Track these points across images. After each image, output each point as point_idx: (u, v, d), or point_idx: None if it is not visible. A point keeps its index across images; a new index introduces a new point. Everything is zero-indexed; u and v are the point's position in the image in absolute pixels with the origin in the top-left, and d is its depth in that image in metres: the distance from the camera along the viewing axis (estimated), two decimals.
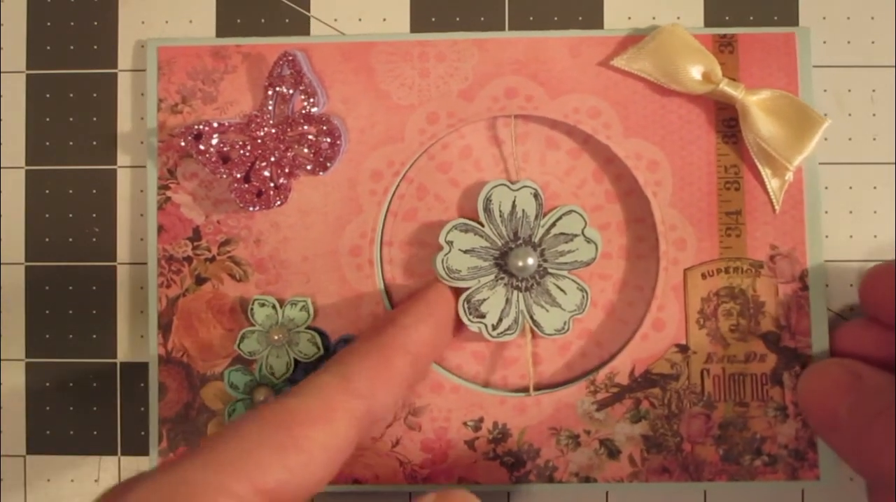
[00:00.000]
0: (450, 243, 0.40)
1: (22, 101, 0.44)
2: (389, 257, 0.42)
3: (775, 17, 0.42)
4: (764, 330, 0.41)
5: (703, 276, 0.41)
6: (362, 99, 0.41)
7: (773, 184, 0.40)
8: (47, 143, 0.44)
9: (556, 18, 0.43)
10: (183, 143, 0.40)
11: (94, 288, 0.43)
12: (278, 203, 0.40)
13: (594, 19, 0.43)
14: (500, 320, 0.40)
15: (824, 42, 0.42)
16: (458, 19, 0.43)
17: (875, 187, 0.42)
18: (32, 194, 0.44)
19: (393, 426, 0.41)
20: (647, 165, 0.41)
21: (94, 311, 0.43)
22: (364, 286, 0.41)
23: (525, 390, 0.41)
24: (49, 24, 0.44)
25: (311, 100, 0.41)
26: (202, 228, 0.41)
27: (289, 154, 0.41)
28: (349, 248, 0.41)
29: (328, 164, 0.40)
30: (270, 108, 0.41)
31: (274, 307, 0.41)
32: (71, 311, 0.43)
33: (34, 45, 0.44)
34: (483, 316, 0.40)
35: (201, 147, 0.40)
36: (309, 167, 0.41)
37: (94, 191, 0.43)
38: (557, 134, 0.42)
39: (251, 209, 0.40)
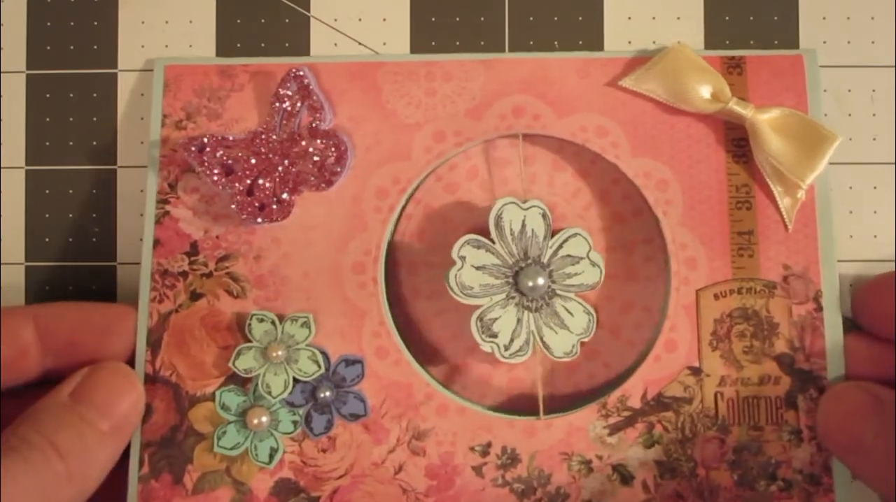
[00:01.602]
0: (462, 258, 0.40)
1: (22, 101, 0.44)
2: (397, 276, 0.42)
3: (775, 17, 0.43)
4: (778, 351, 0.41)
5: (716, 297, 0.41)
6: (369, 117, 0.42)
7: (784, 202, 0.41)
8: (47, 143, 0.44)
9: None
10: (185, 154, 0.41)
11: (94, 288, 0.43)
12: (281, 218, 0.41)
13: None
14: (512, 340, 0.40)
15: (824, 42, 0.43)
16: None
17: (875, 187, 0.43)
18: (32, 194, 0.44)
19: (395, 451, 0.40)
20: (656, 184, 0.41)
21: None
22: (367, 304, 0.41)
23: (535, 413, 0.41)
24: (49, 24, 0.45)
25: (318, 115, 0.41)
26: (200, 243, 0.42)
27: (293, 169, 0.41)
28: (352, 265, 0.41)
29: (333, 180, 0.41)
30: (276, 122, 0.42)
31: (273, 323, 0.40)
32: None
33: (34, 45, 0.45)
34: (495, 335, 0.40)
35: (204, 158, 0.41)
36: (313, 182, 0.41)
37: (94, 192, 0.43)
38: (564, 156, 0.43)
39: (252, 222, 0.40)
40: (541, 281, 0.40)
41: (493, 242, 0.40)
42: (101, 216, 0.43)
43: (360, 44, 0.44)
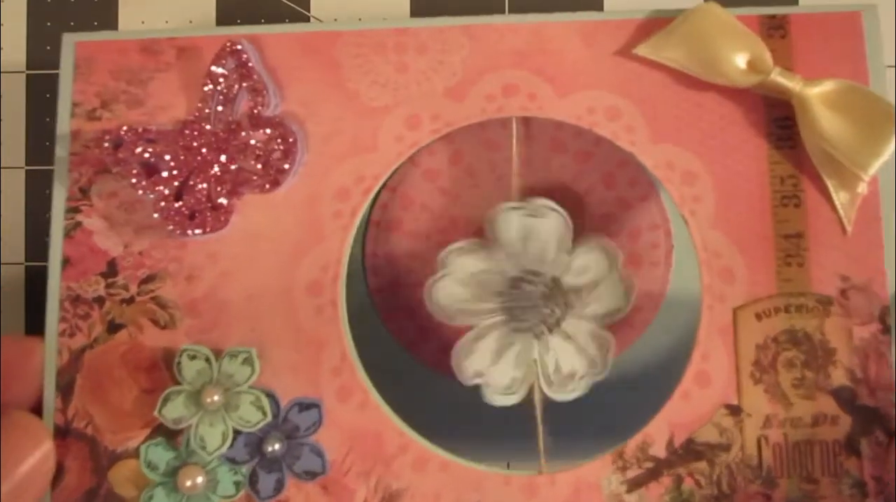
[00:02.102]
0: (445, 268, 0.35)
1: (22, 101, 0.45)
2: (373, 268, 0.38)
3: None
4: (836, 384, 0.34)
5: (758, 317, 0.34)
6: (325, 99, 0.36)
7: (841, 198, 0.35)
8: (47, 143, 0.44)
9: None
10: (98, 151, 0.34)
11: None
12: (217, 228, 0.34)
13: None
14: (504, 376, 0.35)
15: None
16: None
17: None
18: (32, 194, 0.45)
19: None
20: (681, 177, 0.35)
21: None
22: (325, 334, 0.34)
23: (535, 466, 0.34)
24: (49, 24, 0.45)
25: (261, 98, 0.35)
26: (119, 261, 0.35)
27: (232, 167, 0.34)
28: (307, 285, 0.35)
29: (280, 179, 0.34)
30: (210, 109, 0.35)
31: (208, 360, 0.34)
32: None
33: (34, 45, 0.45)
34: (482, 373, 0.34)
35: (121, 156, 0.34)
36: (257, 183, 0.34)
37: None
38: (564, 135, 0.38)
39: (183, 234, 0.34)
40: (546, 309, 0.36)
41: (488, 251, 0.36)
42: None
43: None
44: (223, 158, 0.34)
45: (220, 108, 0.35)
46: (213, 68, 0.35)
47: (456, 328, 0.40)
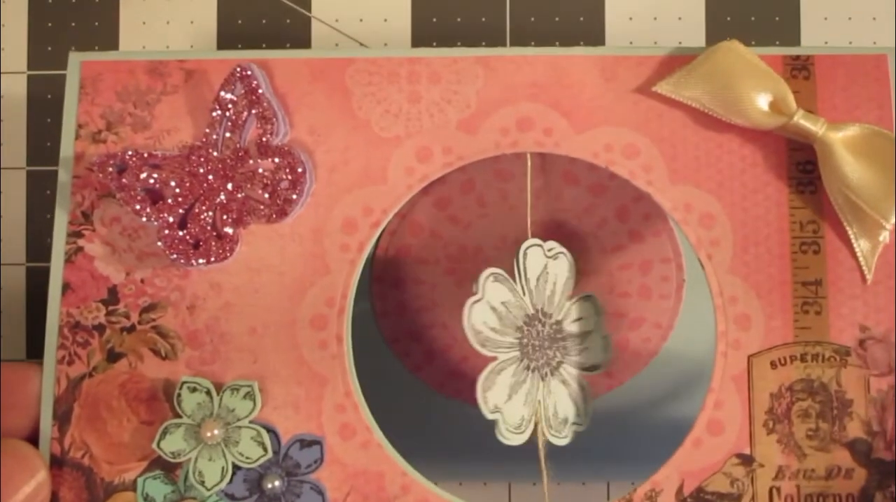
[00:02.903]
0: (481, 292, 0.35)
1: (23, 101, 0.45)
2: (380, 293, 0.38)
3: (777, 18, 0.44)
4: (851, 436, 0.34)
5: (773, 365, 0.34)
6: (335, 128, 0.35)
7: (862, 246, 0.34)
8: (48, 144, 0.45)
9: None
10: (101, 176, 0.34)
11: None
12: (221, 257, 0.34)
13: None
14: (516, 414, 0.35)
15: (826, 42, 0.43)
16: (458, 20, 0.44)
17: None
18: (33, 195, 0.45)
19: None
20: (699, 219, 0.35)
21: None
22: (328, 370, 0.34)
23: (536, 494, 0.34)
24: (50, 24, 0.46)
25: (270, 126, 0.34)
26: (120, 289, 0.35)
27: (238, 195, 0.34)
28: (311, 319, 0.34)
29: (288, 210, 0.34)
30: (217, 135, 0.34)
31: (209, 393, 0.34)
32: None
33: (35, 45, 0.46)
34: (499, 408, 0.35)
35: (125, 181, 0.34)
36: (263, 212, 0.34)
37: None
38: (577, 167, 0.38)
39: (186, 263, 0.34)
40: (551, 351, 0.36)
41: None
42: None
43: (361, 44, 0.44)
44: (230, 186, 0.34)
45: (227, 135, 0.35)
46: (222, 93, 0.34)
47: (462, 354, 0.40)
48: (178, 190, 0.34)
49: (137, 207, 0.34)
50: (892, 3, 0.43)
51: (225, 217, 0.34)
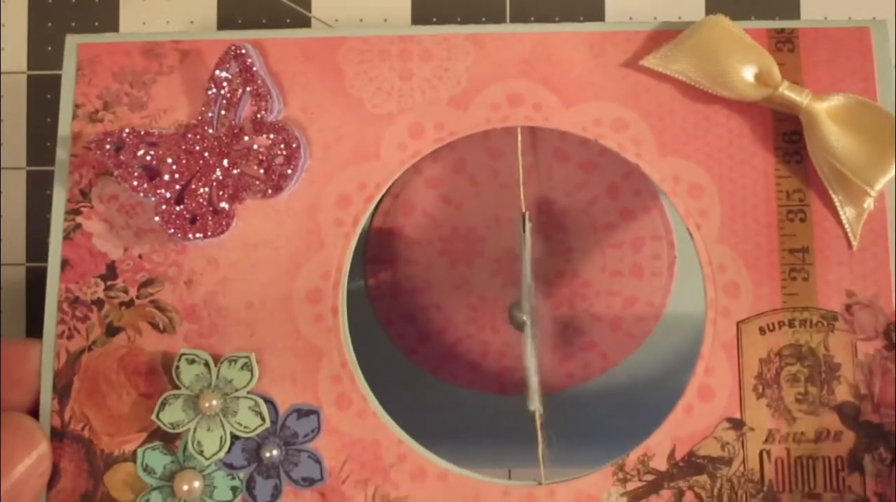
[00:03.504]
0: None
1: (23, 101, 0.45)
2: (374, 274, 0.39)
3: (776, 18, 0.42)
4: (839, 400, 0.35)
5: (762, 331, 0.35)
6: (328, 106, 0.36)
7: (848, 213, 0.35)
8: (48, 144, 0.45)
9: (557, 19, 0.43)
10: (99, 153, 0.35)
11: None
12: (218, 233, 0.35)
13: (594, 18, 0.43)
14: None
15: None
16: (459, 20, 0.43)
17: None
18: (33, 195, 0.45)
19: None
20: (687, 190, 0.36)
21: None
22: (324, 342, 0.35)
23: (534, 476, 0.35)
24: (50, 24, 0.46)
25: (264, 103, 0.35)
26: (118, 264, 0.36)
27: (234, 172, 0.35)
28: (306, 293, 0.35)
29: (283, 185, 0.35)
30: (213, 113, 0.36)
31: (206, 365, 0.35)
32: None
33: (35, 45, 0.46)
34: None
35: (122, 159, 0.35)
36: (259, 188, 0.35)
37: None
38: (568, 144, 0.38)
39: (183, 238, 0.35)
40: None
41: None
42: None
43: None
44: (225, 163, 0.35)
45: (223, 113, 0.36)
46: (217, 72, 0.35)
47: (456, 336, 0.41)
48: (174, 167, 0.35)
49: (135, 184, 0.35)
50: (892, 3, 0.43)
51: (221, 192, 0.35)
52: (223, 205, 0.35)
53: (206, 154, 0.35)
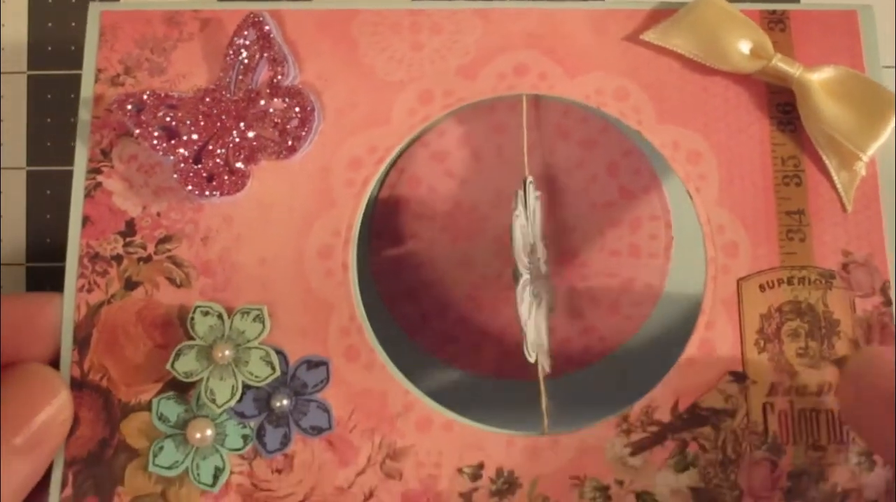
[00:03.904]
0: (518, 208, 0.37)
1: (23, 101, 0.46)
2: (377, 251, 0.39)
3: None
4: (840, 354, 0.36)
5: (762, 288, 0.36)
6: (341, 74, 0.38)
7: (841, 177, 0.37)
8: (48, 144, 0.45)
9: None
10: (120, 113, 0.37)
11: None
12: (233, 191, 0.36)
13: None
14: (532, 332, 0.37)
15: None
16: None
17: None
18: (33, 195, 0.45)
19: (366, 473, 0.35)
20: (686, 156, 0.37)
21: None
22: (334, 296, 0.36)
23: (538, 428, 0.36)
24: (50, 24, 0.46)
25: (280, 69, 0.37)
26: (137, 222, 0.37)
27: (250, 134, 0.37)
28: (318, 249, 0.36)
29: (297, 147, 0.37)
30: (231, 78, 0.37)
31: (220, 317, 0.36)
32: None
33: (35, 45, 0.46)
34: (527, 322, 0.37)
35: (143, 119, 0.37)
36: (273, 150, 0.37)
37: None
38: (569, 121, 0.39)
39: (200, 196, 0.36)
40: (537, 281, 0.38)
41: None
42: None
43: None
44: (242, 126, 0.37)
45: (240, 78, 0.37)
46: (236, 39, 0.37)
47: (458, 315, 0.42)
48: (193, 128, 0.37)
49: (155, 143, 0.36)
50: (892, 2, 0.44)
51: (237, 153, 0.37)
52: (239, 165, 0.37)
53: (224, 117, 0.37)
